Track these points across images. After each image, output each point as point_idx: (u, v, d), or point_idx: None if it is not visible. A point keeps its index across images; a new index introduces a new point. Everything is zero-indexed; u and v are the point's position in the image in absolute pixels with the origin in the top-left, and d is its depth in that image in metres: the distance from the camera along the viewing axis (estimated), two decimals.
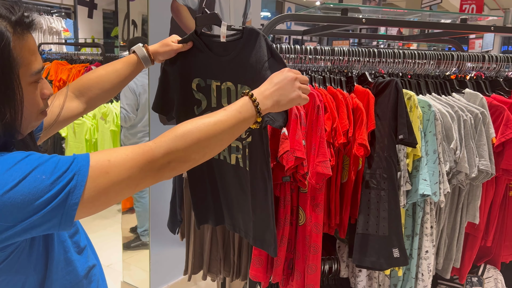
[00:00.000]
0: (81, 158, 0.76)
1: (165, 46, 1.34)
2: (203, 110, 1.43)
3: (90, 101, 1.22)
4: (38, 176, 0.71)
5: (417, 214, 1.51)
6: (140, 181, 0.81)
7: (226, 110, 0.93)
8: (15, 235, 0.71)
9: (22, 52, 0.77)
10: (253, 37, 1.25)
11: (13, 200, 0.69)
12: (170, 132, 0.85)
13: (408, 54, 1.64)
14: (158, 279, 2.86)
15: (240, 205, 1.45)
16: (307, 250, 1.40)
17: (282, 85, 1.02)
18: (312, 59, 1.55)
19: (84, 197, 0.74)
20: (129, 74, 1.30)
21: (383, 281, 1.63)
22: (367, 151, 1.39)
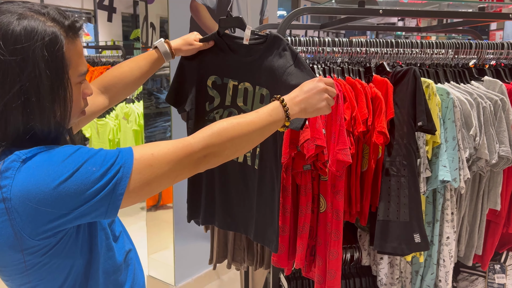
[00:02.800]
0: (125, 151, 0.82)
1: (188, 45, 1.40)
2: (214, 107, 1.48)
3: (114, 96, 1.29)
4: (89, 168, 0.77)
5: (438, 200, 1.52)
6: (179, 173, 0.87)
7: (258, 113, 0.99)
8: (67, 222, 0.78)
9: (72, 55, 0.83)
10: (277, 43, 1.30)
11: (67, 190, 0.75)
12: (207, 129, 0.91)
13: (426, 43, 1.65)
14: (182, 273, 2.93)
15: (241, 202, 1.49)
16: (329, 237, 1.43)
17: (311, 95, 1.07)
18: (330, 51, 1.58)
19: (130, 187, 0.80)
20: (150, 69, 1.36)
21: (405, 268, 1.65)
22: (387, 139, 1.42)
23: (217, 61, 1.43)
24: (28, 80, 0.77)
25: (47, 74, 0.78)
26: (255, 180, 1.41)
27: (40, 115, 0.80)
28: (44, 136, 0.83)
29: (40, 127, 0.81)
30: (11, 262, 0.81)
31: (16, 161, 0.76)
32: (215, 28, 2.92)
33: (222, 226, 1.56)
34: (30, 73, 0.77)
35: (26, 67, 0.77)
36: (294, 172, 1.44)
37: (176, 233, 2.83)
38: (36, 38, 0.77)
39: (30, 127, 0.80)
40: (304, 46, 1.56)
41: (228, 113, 1.47)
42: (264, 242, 1.42)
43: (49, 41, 0.78)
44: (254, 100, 1.40)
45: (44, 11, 0.81)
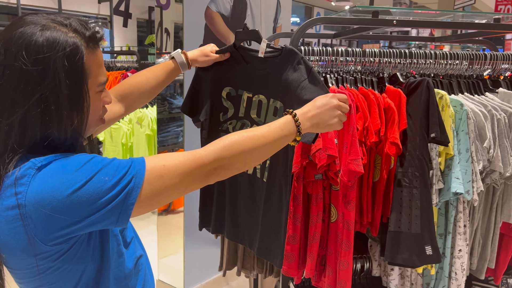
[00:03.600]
0: (137, 162, 0.84)
1: (204, 56, 1.43)
2: (228, 118, 1.50)
3: (130, 104, 1.32)
4: (102, 177, 0.79)
5: (450, 212, 1.51)
6: (189, 184, 0.88)
7: (269, 127, 1.00)
8: (79, 230, 0.80)
9: (92, 64, 0.86)
10: (292, 57, 1.32)
11: (80, 198, 0.77)
12: (218, 142, 0.93)
13: (439, 54, 1.65)
14: (192, 278, 2.94)
15: (248, 215, 1.50)
16: (339, 247, 1.43)
17: (324, 110, 1.07)
18: (343, 61, 1.59)
19: (141, 197, 0.82)
20: (166, 78, 1.39)
21: (416, 280, 1.63)
22: (399, 149, 1.42)
23: (232, 73, 1.45)
24: (48, 89, 0.79)
25: (66, 84, 0.80)
26: (263, 193, 1.42)
27: (58, 123, 0.82)
28: (61, 143, 0.85)
29: (57, 134, 0.83)
30: (24, 266, 0.83)
31: (31, 168, 0.78)
32: (229, 36, 2.95)
33: (230, 236, 1.57)
34: (50, 82, 0.79)
35: (47, 76, 0.79)
36: (306, 181, 1.44)
37: (186, 238, 2.85)
38: (57, 49, 0.79)
39: (48, 135, 0.82)
40: (317, 56, 1.57)
41: (241, 125, 1.49)
42: (267, 257, 1.43)
43: (70, 52, 0.81)
44: (268, 112, 1.41)
45: (67, 22, 0.83)
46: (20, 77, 0.78)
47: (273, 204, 1.39)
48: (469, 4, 3.24)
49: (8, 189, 0.78)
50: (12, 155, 0.80)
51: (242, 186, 1.50)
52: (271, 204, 1.39)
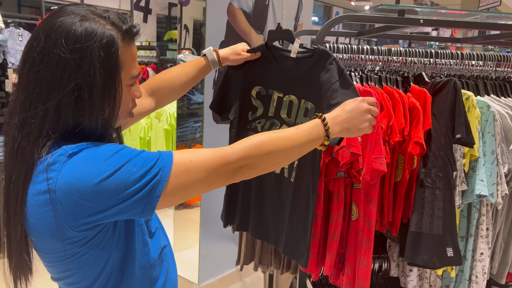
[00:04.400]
0: (165, 155, 0.85)
1: (235, 55, 1.44)
2: (257, 117, 1.51)
3: (161, 99, 1.34)
4: (130, 168, 0.80)
5: (473, 215, 1.49)
6: (214, 181, 0.89)
7: (297, 129, 1.00)
8: (105, 218, 0.81)
9: (127, 57, 0.87)
10: (324, 58, 1.31)
11: (107, 187, 0.78)
12: (246, 141, 0.93)
13: (466, 55, 1.63)
14: (206, 272, 2.96)
15: (274, 214, 1.50)
16: (359, 245, 1.43)
17: (354, 115, 1.06)
18: (368, 59, 1.58)
19: (167, 190, 0.83)
20: (197, 76, 1.40)
21: (435, 282, 1.62)
22: (423, 149, 1.40)
23: (263, 72, 1.46)
24: (83, 78, 0.81)
25: (101, 74, 0.82)
26: (290, 193, 1.42)
27: (89, 111, 0.84)
28: (91, 132, 0.86)
29: (89, 123, 0.85)
30: (53, 250, 0.85)
31: (63, 155, 0.80)
32: (250, 33, 2.95)
33: (255, 234, 1.58)
34: (86, 71, 0.81)
35: (82, 65, 0.81)
36: (327, 179, 1.44)
37: (202, 233, 2.87)
38: (95, 39, 0.81)
39: (79, 123, 0.84)
40: (343, 53, 1.57)
41: (270, 124, 1.49)
42: (293, 256, 1.43)
43: (106, 43, 0.82)
44: (299, 113, 1.41)
45: (105, 15, 0.85)
46: (58, 64, 0.80)
47: (300, 204, 1.39)
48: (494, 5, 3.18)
49: (40, 174, 0.80)
50: (46, 140, 0.82)
51: (269, 185, 1.50)
52: (298, 204, 1.40)
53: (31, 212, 0.81)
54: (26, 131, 0.82)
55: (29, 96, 0.82)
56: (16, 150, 0.82)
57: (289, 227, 1.43)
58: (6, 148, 0.84)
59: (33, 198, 0.81)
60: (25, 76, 0.83)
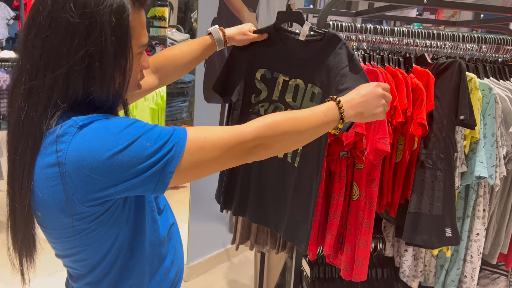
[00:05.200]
0: (179, 131, 0.82)
1: (242, 35, 1.40)
2: (260, 100, 1.48)
3: (164, 77, 1.30)
4: (143, 142, 0.77)
5: (470, 196, 1.51)
6: (228, 159, 0.87)
7: (312, 111, 0.97)
8: (116, 193, 0.78)
9: (137, 24, 0.84)
10: (334, 42, 1.29)
11: (120, 161, 0.75)
12: (261, 120, 0.90)
13: (468, 37, 1.63)
14: (194, 252, 2.95)
15: (275, 199, 1.48)
16: (360, 225, 1.43)
17: (369, 99, 1.04)
18: (371, 39, 1.56)
19: (180, 167, 0.80)
20: (202, 54, 1.36)
21: (429, 262, 1.65)
22: (425, 131, 1.41)
23: (269, 54, 1.42)
24: (93, 45, 0.77)
25: (112, 40, 0.78)
26: (293, 178, 1.41)
27: (100, 80, 0.80)
28: (102, 103, 0.83)
29: (99, 93, 0.81)
30: (60, 225, 0.82)
31: (73, 126, 0.76)
32: (243, 11, 2.89)
33: (253, 219, 1.56)
34: (96, 38, 0.77)
35: (93, 31, 0.77)
36: (329, 159, 1.43)
37: (191, 213, 2.85)
38: (105, 4, 0.77)
39: (90, 92, 0.80)
40: (346, 32, 1.54)
41: (274, 108, 1.46)
42: (294, 241, 1.43)
43: (117, 8, 0.78)
44: (305, 97, 1.39)
45: None
46: (67, 30, 0.76)
47: (303, 190, 1.38)
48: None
49: (49, 146, 0.76)
50: (55, 111, 0.78)
51: (271, 170, 1.48)
52: (301, 190, 1.39)
53: (39, 185, 0.77)
54: (33, 101, 0.78)
55: (36, 64, 0.77)
56: (22, 121, 0.78)
57: (291, 213, 1.42)
58: (12, 119, 0.80)
59: (41, 171, 0.77)
60: (31, 42, 0.78)
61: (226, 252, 3.20)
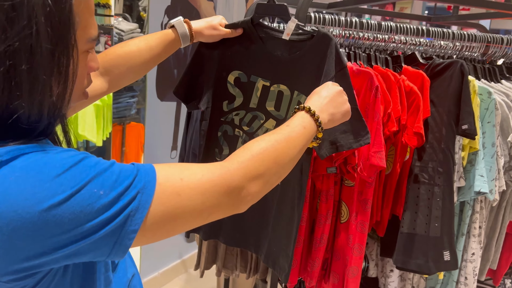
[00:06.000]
0: (145, 171, 0.59)
1: (211, 29, 1.15)
2: (234, 108, 1.24)
3: (116, 80, 1.02)
4: (95, 190, 0.53)
5: (465, 213, 1.37)
6: (213, 209, 0.65)
7: (289, 126, 0.83)
8: (52, 262, 0.54)
9: (83, 10, 0.58)
10: (325, 43, 1.10)
11: (59, 218, 0.50)
12: (243, 152, 0.72)
13: (458, 34, 1.47)
14: (148, 266, 2.67)
15: (255, 217, 1.27)
16: (350, 251, 1.24)
17: (333, 98, 0.93)
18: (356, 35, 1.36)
19: (146, 223, 0.57)
20: (162, 52, 1.10)
21: (418, 283, 1.49)
22: (422, 141, 1.23)
23: (245, 55, 1.19)
24: (18, 39, 0.51)
25: (47, 32, 0.52)
26: (276, 196, 1.19)
27: (29, 90, 0.53)
28: (32, 123, 0.56)
29: (28, 109, 0.54)
30: None
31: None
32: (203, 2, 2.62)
33: (229, 242, 1.33)
34: (22, 28, 0.51)
35: (17, 19, 0.50)
36: (315, 175, 1.22)
37: None
38: None
39: (13, 108, 0.53)
40: (329, 26, 1.33)
41: (252, 117, 1.23)
42: (274, 267, 1.22)
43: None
44: (290, 106, 1.17)
45: None
46: None
47: (285, 211, 1.17)
48: None
49: None
50: None
51: None
52: (282, 210, 1.17)
53: None
54: None
55: None
56: None
57: (273, 234, 1.20)
58: None
59: None
60: None
61: (183, 264, 2.94)
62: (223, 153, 1.28)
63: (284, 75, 1.18)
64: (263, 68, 1.20)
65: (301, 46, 1.14)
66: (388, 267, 1.49)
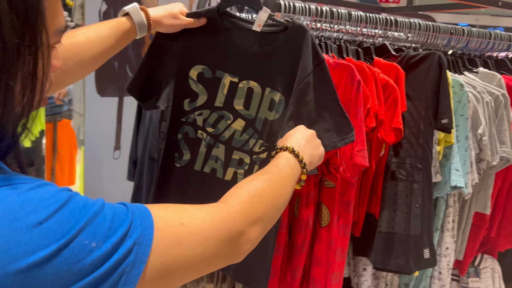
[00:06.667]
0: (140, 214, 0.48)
1: (171, 18, 1.02)
2: (197, 107, 1.11)
3: (62, 77, 0.85)
4: (86, 242, 0.41)
5: (439, 207, 1.35)
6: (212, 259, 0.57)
7: (278, 167, 0.79)
8: None
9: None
10: (301, 36, 1.01)
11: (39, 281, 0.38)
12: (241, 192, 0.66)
13: (424, 26, 1.44)
14: None
15: None
16: (332, 256, 1.16)
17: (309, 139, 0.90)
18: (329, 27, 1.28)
19: (145, 277, 0.46)
20: (116, 43, 0.95)
21: (391, 280, 1.46)
22: (400, 137, 1.18)
23: (209, 47, 1.06)
24: None
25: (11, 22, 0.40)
26: None
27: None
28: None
29: None
30: None
31: None
32: None
33: None
34: None
35: None
36: None
37: None
38: None
39: None
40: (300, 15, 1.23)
41: (218, 117, 1.09)
42: (247, 282, 1.12)
43: None
44: (262, 105, 1.06)
45: None
46: None
47: None
48: None
49: None
50: None
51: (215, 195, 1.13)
52: None
53: None
54: None
55: None
56: None
57: None
58: None
59: None
60: None
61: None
62: (183, 158, 1.14)
63: (255, 70, 1.07)
64: (231, 63, 1.08)
65: (273, 39, 1.04)
66: (361, 266, 1.44)
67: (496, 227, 1.61)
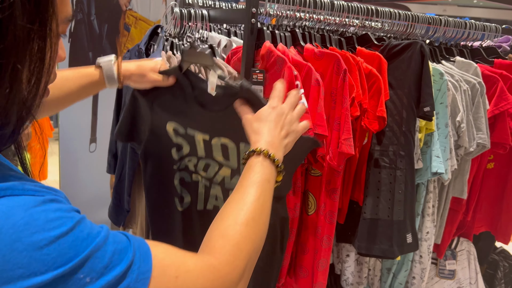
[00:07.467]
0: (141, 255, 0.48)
1: (140, 77, 0.99)
2: (185, 155, 1.08)
3: None
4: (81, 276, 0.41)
5: (420, 193, 1.38)
6: None
7: (256, 184, 0.73)
8: None
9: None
10: None
11: None
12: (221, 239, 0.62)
13: (403, 15, 1.47)
14: None
15: None
16: (319, 243, 1.18)
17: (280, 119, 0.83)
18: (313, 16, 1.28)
19: None
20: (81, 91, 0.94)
21: (374, 265, 1.50)
22: (383, 125, 1.20)
23: (177, 105, 1.04)
24: None
25: (24, 6, 0.38)
26: None
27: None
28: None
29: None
30: None
31: None
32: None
33: None
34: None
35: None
36: None
37: None
38: None
39: None
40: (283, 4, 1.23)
41: (205, 164, 1.07)
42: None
43: None
44: (240, 157, 1.05)
45: None
46: None
47: None
48: None
49: None
50: None
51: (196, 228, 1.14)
52: None
53: None
54: None
55: None
56: None
57: None
58: None
59: None
60: None
61: None
62: (184, 201, 1.11)
63: (223, 128, 1.04)
64: (198, 121, 1.05)
65: (229, 102, 0.97)
66: (344, 252, 1.47)
67: (472, 211, 1.67)
